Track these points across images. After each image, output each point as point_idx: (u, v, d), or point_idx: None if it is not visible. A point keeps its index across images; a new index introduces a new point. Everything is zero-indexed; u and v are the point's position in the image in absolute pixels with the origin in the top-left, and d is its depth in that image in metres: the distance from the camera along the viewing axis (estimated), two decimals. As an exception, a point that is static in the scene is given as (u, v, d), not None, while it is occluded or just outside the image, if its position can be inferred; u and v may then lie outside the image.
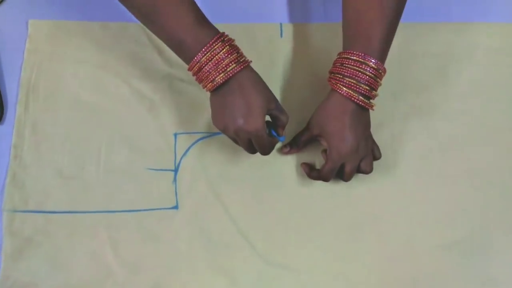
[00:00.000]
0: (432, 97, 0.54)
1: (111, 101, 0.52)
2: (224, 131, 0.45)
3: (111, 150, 0.51)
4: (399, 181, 0.51)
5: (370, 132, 0.48)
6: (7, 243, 0.48)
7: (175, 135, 0.52)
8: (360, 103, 0.45)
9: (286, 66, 0.54)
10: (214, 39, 0.42)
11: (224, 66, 0.42)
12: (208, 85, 0.43)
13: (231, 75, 0.42)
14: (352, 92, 0.44)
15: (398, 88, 0.54)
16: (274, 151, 0.51)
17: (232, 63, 0.42)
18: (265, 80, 0.53)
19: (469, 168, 0.52)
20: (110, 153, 0.51)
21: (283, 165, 0.51)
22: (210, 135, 0.52)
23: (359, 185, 0.51)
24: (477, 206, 0.51)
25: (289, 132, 0.51)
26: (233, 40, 0.43)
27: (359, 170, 0.48)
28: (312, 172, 0.50)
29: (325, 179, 0.48)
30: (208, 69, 0.42)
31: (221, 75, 0.42)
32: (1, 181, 0.50)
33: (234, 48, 0.43)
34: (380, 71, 0.45)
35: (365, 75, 0.44)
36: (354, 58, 0.44)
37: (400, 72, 0.54)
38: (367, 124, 0.47)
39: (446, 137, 0.53)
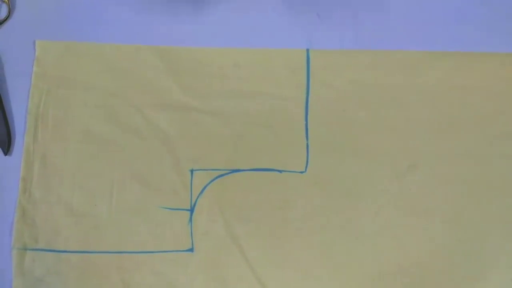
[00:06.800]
0: (468, 138, 0.49)
1: (123, 133, 0.49)
2: None
3: (124, 187, 0.48)
4: (431, 231, 0.48)
5: None
6: (18, 282, 0.47)
7: (192, 171, 0.49)
8: None
9: (313, 102, 0.50)
10: None
11: None
12: None
13: None
14: None
15: (434, 126, 0.49)
16: (295, 192, 0.48)
17: None
18: (287, 116, 0.48)
19: (508, 220, 0.48)
20: (122, 190, 0.48)
21: (305, 208, 0.48)
22: (228, 172, 0.49)
23: (384, 233, 0.48)
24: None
25: (316, 169, 0.49)
26: None
27: None
28: None
29: None
30: None
31: None
32: (10, 216, 0.48)
33: None
34: None
35: None
36: None
37: (436, 108, 0.50)
38: None
39: (484, 184, 0.48)
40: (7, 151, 0.49)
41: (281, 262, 0.47)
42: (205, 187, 0.48)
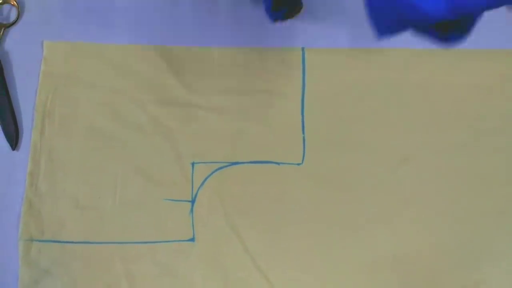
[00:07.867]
0: (461, 132, 0.51)
1: (127, 129, 0.51)
2: None
3: (127, 180, 0.50)
4: (424, 222, 0.49)
5: None
6: (24, 272, 0.48)
7: (193, 164, 0.51)
8: None
9: (308, 98, 0.52)
10: None
11: None
12: None
13: None
14: None
15: (425, 121, 0.51)
16: (292, 184, 0.50)
17: None
18: (284, 111, 0.50)
19: (499, 211, 0.49)
20: (126, 183, 0.50)
21: (302, 199, 0.50)
22: (228, 164, 0.51)
23: (382, 225, 0.49)
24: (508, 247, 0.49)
25: (312, 161, 0.50)
26: None
27: None
28: None
29: None
30: None
31: None
32: (17, 209, 0.49)
33: None
34: None
35: None
36: None
37: (428, 104, 0.52)
38: None
39: (475, 177, 0.50)
40: (15, 146, 0.51)
41: (280, 251, 0.49)
42: (205, 179, 0.50)
